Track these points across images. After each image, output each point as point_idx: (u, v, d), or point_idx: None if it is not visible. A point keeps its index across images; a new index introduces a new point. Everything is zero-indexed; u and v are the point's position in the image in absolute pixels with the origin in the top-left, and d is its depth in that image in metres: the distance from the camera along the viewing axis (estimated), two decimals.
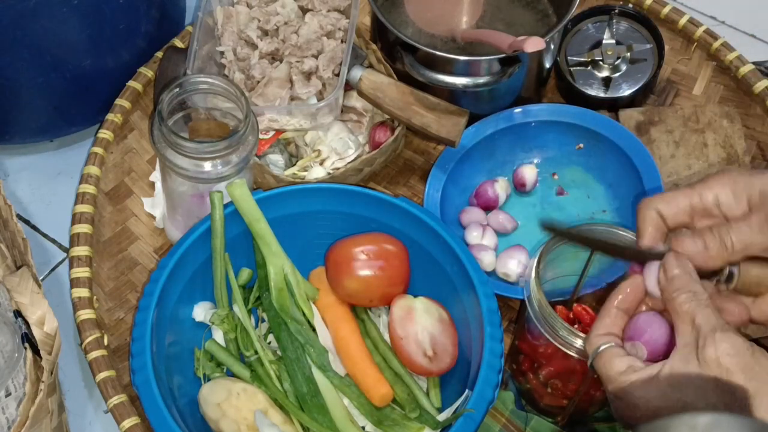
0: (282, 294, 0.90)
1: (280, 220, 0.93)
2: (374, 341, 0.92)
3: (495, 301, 0.86)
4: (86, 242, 1.00)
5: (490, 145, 1.05)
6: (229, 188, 0.89)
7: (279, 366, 0.90)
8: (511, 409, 0.88)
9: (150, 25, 1.10)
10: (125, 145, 1.10)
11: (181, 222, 0.99)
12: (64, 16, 0.98)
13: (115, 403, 0.90)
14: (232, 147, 0.89)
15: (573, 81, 1.10)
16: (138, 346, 0.84)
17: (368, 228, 0.93)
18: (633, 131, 1.05)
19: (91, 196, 1.04)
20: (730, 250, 0.69)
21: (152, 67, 1.11)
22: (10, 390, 0.82)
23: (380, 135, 1.05)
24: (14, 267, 0.91)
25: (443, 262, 0.91)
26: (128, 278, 1.03)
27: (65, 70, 1.04)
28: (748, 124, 1.09)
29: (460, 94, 1.04)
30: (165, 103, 0.89)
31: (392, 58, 1.06)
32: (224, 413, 0.85)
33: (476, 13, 1.10)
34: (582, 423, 0.89)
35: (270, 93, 1.01)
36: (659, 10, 1.15)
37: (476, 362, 0.84)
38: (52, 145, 1.16)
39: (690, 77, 1.14)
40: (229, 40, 1.05)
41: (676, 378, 0.64)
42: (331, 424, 0.87)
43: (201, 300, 0.93)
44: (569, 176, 1.07)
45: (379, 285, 0.90)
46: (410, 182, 1.09)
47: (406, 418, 0.87)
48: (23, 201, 1.13)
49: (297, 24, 1.04)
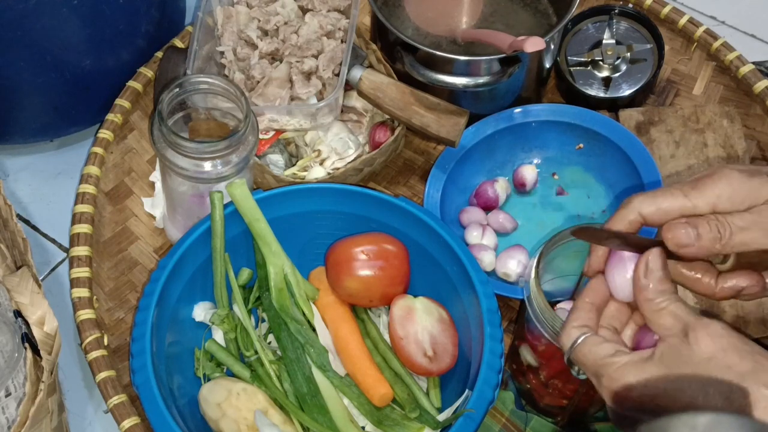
0: (282, 294, 0.90)
1: (280, 220, 0.93)
2: (374, 341, 0.92)
3: (495, 301, 0.86)
4: (86, 242, 1.00)
5: (490, 145, 1.05)
6: (229, 188, 0.89)
7: (279, 366, 0.90)
8: (511, 409, 0.88)
9: (150, 25, 1.10)
10: (125, 145, 1.10)
11: (181, 222, 0.99)
12: (64, 16, 0.98)
13: (115, 403, 0.90)
14: (232, 147, 0.89)
15: (573, 81, 1.10)
16: (138, 346, 0.84)
17: (368, 228, 0.93)
18: (633, 131, 1.05)
19: (91, 196, 1.04)
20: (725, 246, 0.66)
21: (152, 67, 1.11)
22: (10, 390, 0.82)
23: (380, 135, 1.05)
24: (14, 267, 0.91)
25: (443, 262, 0.91)
26: (128, 278, 1.03)
27: (65, 70, 1.04)
28: (748, 124, 1.09)
29: (460, 94, 1.04)
30: (165, 103, 0.89)
31: (392, 58, 1.06)
32: (224, 413, 0.85)
33: (476, 13, 1.10)
34: (582, 423, 0.89)
35: (270, 93, 1.01)
36: (659, 10, 1.15)
37: (476, 362, 0.84)
38: (52, 145, 1.16)
39: (690, 77, 1.14)
40: (229, 40, 1.05)
41: (671, 360, 0.62)
42: (331, 424, 0.87)
43: (201, 300, 0.93)
44: (569, 176, 1.07)
45: (379, 285, 0.90)
46: (410, 182, 1.09)
47: (406, 418, 0.87)
48: (23, 201, 1.13)
49: (297, 24, 1.05)
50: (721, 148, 1.06)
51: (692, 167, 1.05)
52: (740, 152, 1.06)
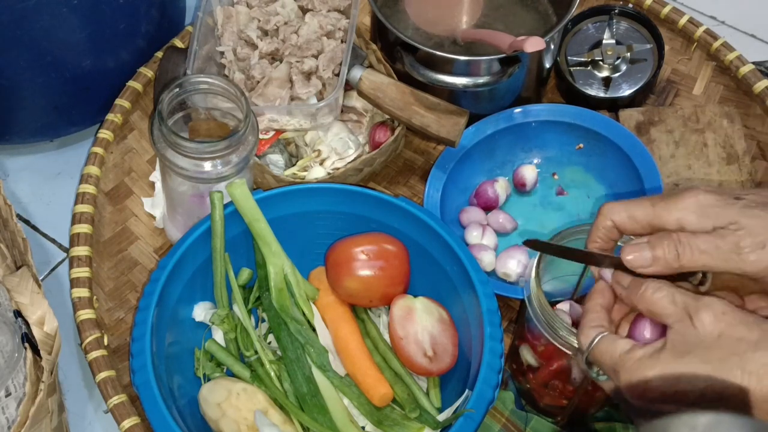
0: (282, 294, 0.90)
1: (280, 220, 0.93)
2: (374, 341, 0.92)
3: (495, 301, 0.86)
4: (86, 242, 1.00)
5: (490, 145, 1.05)
6: (229, 188, 0.89)
7: (279, 366, 0.90)
8: (511, 409, 0.88)
9: (150, 25, 1.10)
10: (125, 145, 1.10)
11: (181, 222, 0.99)
12: (64, 16, 0.98)
13: (115, 403, 0.90)
14: (232, 147, 0.89)
15: (573, 81, 1.10)
16: (138, 346, 0.84)
17: (368, 228, 0.93)
18: (633, 131, 1.05)
19: (91, 196, 1.04)
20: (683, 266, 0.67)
21: (152, 67, 1.11)
22: (10, 390, 0.81)
23: (380, 135, 1.05)
24: (14, 267, 0.91)
25: (443, 262, 0.91)
26: (128, 278, 1.03)
27: (65, 70, 1.04)
28: (748, 124, 1.09)
29: (460, 94, 1.04)
30: (165, 103, 0.89)
31: (392, 58, 1.06)
32: (224, 413, 0.85)
33: (476, 13, 1.10)
34: (582, 423, 0.89)
35: (270, 93, 1.01)
36: (659, 10, 1.15)
37: (476, 362, 0.84)
38: (52, 145, 1.16)
39: (690, 77, 1.14)
40: (229, 40, 1.05)
41: (683, 345, 0.64)
42: (331, 424, 0.87)
43: (201, 300, 0.93)
44: (569, 176, 1.07)
45: (379, 285, 0.90)
46: (410, 182, 1.09)
47: (406, 418, 0.87)
48: (23, 201, 1.13)
49: (297, 24, 1.04)
50: (721, 148, 1.06)
51: (692, 167, 1.05)
52: (740, 152, 1.06)
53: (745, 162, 1.05)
